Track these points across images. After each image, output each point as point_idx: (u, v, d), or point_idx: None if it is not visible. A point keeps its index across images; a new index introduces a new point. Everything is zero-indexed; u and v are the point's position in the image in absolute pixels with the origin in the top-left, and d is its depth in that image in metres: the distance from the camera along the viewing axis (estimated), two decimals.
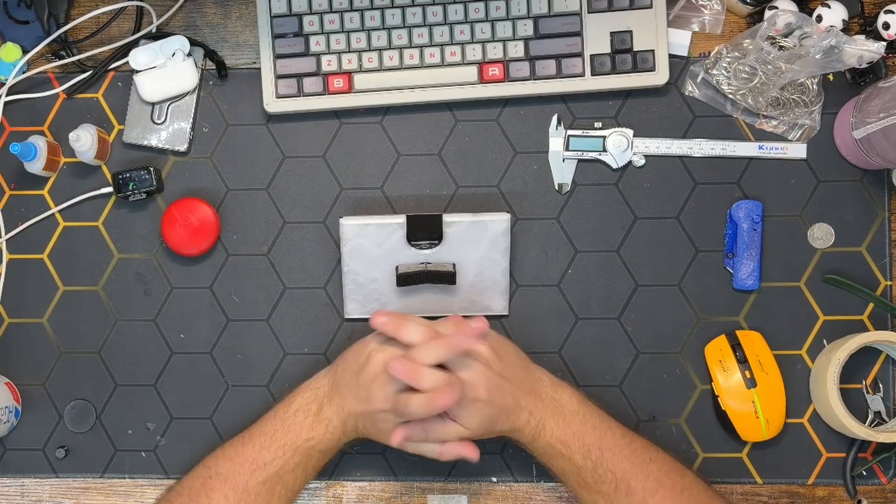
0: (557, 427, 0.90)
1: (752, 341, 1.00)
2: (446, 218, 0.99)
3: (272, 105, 1.02)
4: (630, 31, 1.00)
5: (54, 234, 1.04)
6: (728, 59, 1.01)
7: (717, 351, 1.00)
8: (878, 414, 0.99)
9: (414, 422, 0.88)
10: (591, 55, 1.01)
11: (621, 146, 1.02)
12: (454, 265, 1.00)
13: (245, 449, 0.92)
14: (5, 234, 1.04)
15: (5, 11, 1.04)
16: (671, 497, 0.89)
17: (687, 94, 1.02)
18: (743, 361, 0.98)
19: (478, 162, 1.03)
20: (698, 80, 1.02)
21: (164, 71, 1.02)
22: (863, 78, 1.00)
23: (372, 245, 0.99)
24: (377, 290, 1.01)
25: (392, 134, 1.04)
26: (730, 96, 1.01)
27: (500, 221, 0.99)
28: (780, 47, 0.98)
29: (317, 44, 1.01)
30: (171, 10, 1.05)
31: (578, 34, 1.00)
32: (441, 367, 0.86)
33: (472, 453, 0.89)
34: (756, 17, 1.02)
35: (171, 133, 1.04)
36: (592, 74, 1.01)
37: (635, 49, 1.00)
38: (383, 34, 1.01)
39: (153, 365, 1.03)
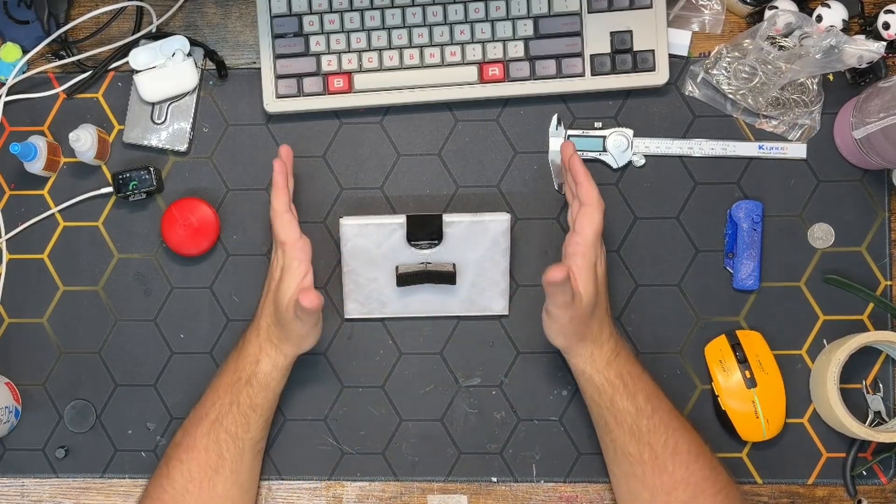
0: (629, 360, 0.92)
1: (752, 341, 1.00)
2: (446, 218, 0.99)
3: (272, 105, 1.02)
4: (630, 31, 1.00)
5: (54, 234, 1.04)
6: (728, 59, 1.01)
7: (717, 351, 1.00)
8: (878, 414, 0.99)
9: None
10: (591, 55, 1.01)
11: (621, 146, 1.02)
12: (454, 265, 1.00)
13: (193, 411, 0.96)
14: (5, 234, 1.04)
15: (5, 11, 1.04)
16: (709, 468, 0.90)
17: (687, 94, 1.02)
18: (743, 361, 0.98)
19: (478, 162, 1.03)
20: (698, 80, 1.02)
21: (164, 71, 1.02)
22: (863, 78, 1.00)
23: (372, 245, 0.99)
24: (377, 290, 1.01)
25: (392, 134, 1.04)
26: (730, 96, 1.01)
27: (500, 221, 0.99)
28: (780, 47, 0.98)
29: (317, 44, 1.01)
30: (171, 10, 1.05)
31: (578, 34, 1.00)
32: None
33: None
34: (756, 17, 1.02)
35: (171, 133, 1.04)
36: (592, 74, 1.01)
37: (635, 49, 1.00)
38: (383, 34, 1.01)
39: (153, 365, 1.03)
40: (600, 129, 1.02)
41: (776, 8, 0.99)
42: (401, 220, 0.99)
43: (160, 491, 0.92)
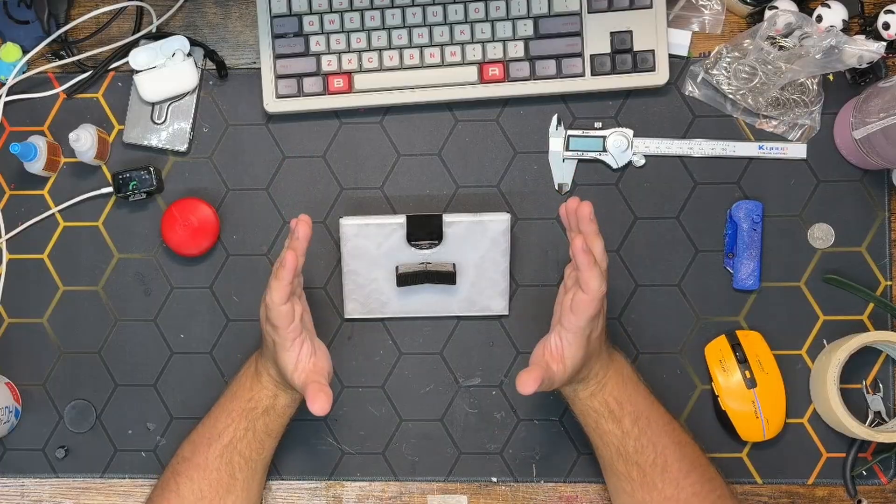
0: (616, 387, 0.90)
1: (752, 341, 1.00)
2: (446, 218, 0.99)
3: (272, 105, 1.02)
4: (630, 31, 1.00)
5: (54, 234, 1.04)
6: (728, 59, 1.01)
7: (717, 351, 1.00)
8: (878, 414, 0.99)
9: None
10: (591, 55, 1.01)
11: (621, 146, 1.02)
12: (454, 265, 1.00)
13: (203, 428, 0.94)
14: (5, 234, 1.04)
15: (5, 11, 1.04)
16: (700, 483, 0.89)
17: (687, 94, 1.02)
18: (743, 361, 0.98)
19: (478, 162, 1.03)
20: (698, 80, 1.02)
21: (164, 71, 1.02)
22: (863, 78, 1.00)
23: (372, 245, 0.99)
24: (377, 290, 1.01)
25: (392, 134, 1.04)
26: (730, 96, 1.01)
27: (500, 221, 0.99)
28: (780, 47, 0.98)
29: (317, 44, 1.01)
30: (171, 10, 1.05)
31: (578, 34, 1.00)
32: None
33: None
34: (756, 17, 1.02)
35: (171, 133, 1.04)
36: (592, 74, 1.01)
37: (635, 49, 1.00)
38: (383, 34, 1.01)
39: (153, 365, 1.03)
40: (600, 129, 1.02)
41: (776, 8, 0.99)
42: (401, 220, 0.99)
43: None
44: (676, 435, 0.91)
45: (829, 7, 0.99)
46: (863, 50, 0.95)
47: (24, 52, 1.04)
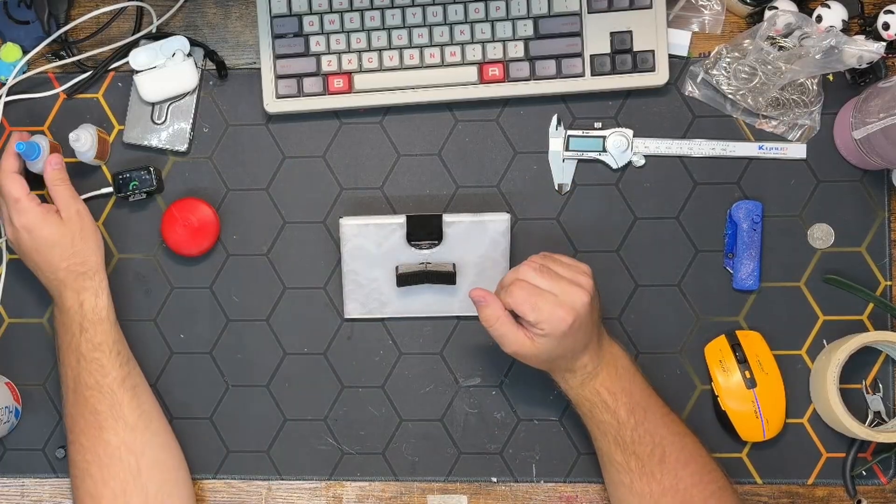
0: (609, 377, 0.90)
1: (752, 341, 1.00)
2: (446, 218, 0.99)
3: (272, 105, 1.02)
4: (630, 32, 1.00)
5: None
6: (728, 60, 1.01)
7: (717, 351, 1.00)
8: (877, 414, 0.99)
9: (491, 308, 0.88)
10: (591, 55, 1.01)
11: (621, 146, 1.02)
12: (454, 265, 1.00)
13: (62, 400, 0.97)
14: (5, 234, 1.04)
15: (5, 11, 1.04)
16: (699, 474, 0.89)
17: (687, 94, 1.02)
18: (743, 361, 0.98)
19: (478, 162, 1.03)
20: (698, 80, 1.02)
21: (164, 71, 1.02)
22: (863, 78, 1.00)
23: (372, 245, 0.99)
24: (377, 290, 1.01)
25: (392, 134, 1.04)
26: (730, 96, 1.01)
27: (500, 221, 0.99)
28: (780, 47, 0.98)
29: (317, 44, 1.01)
30: (171, 11, 1.05)
31: (578, 34, 1.00)
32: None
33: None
34: (756, 17, 1.02)
35: (171, 133, 1.04)
36: (592, 74, 1.01)
37: (635, 49, 1.00)
38: (383, 34, 1.01)
39: (153, 365, 1.03)
40: (600, 129, 1.02)
41: (776, 8, 0.99)
42: (401, 220, 0.99)
43: (78, 482, 0.94)
44: (674, 426, 0.91)
45: (829, 7, 0.99)
46: (862, 50, 0.95)
47: (24, 52, 1.04)
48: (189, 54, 1.03)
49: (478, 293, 0.89)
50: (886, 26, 0.98)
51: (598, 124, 1.03)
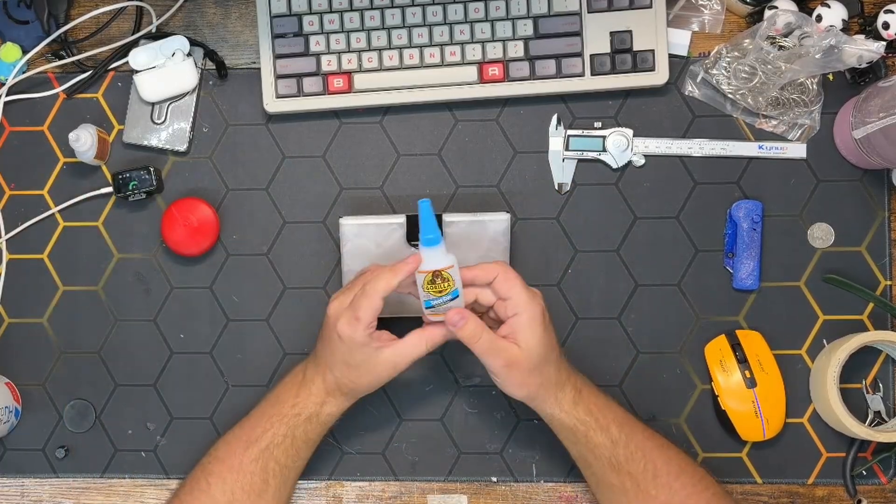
0: (592, 394, 0.90)
1: (752, 341, 1.00)
2: (446, 218, 0.99)
3: (272, 105, 1.02)
4: (630, 31, 1.00)
5: (54, 234, 1.04)
6: (728, 59, 1.01)
7: (717, 351, 1.00)
8: (878, 414, 0.99)
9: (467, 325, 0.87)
10: (590, 55, 1.01)
11: (621, 146, 1.02)
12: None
13: (240, 429, 0.94)
14: (5, 234, 1.04)
15: (5, 11, 1.04)
16: (691, 484, 0.89)
17: (687, 93, 1.02)
18: (743, 361, 0.98)
19: (478, 162, 1.03)
20: (698, 79, 1.02)
21: (164, 71, 1.02)
22: (863, 78, 1.00)
23: (372, 245, 0.99)
24: None
25: (392, 134, 1.04)
26: (730, 96, 1.01)
27: (500, 221, 0.99)
28: (780, 47, 0.98)
29: (317, 44, 1.01)
30: (171, 10, 1.05)
31: (578, 34, 1.00)
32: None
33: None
34: (756, 17, 1.02)
35: (171, 133, 1.04)
36: (592, 74, 1.01)
37: (635, 49, 1.00)
38: (383, 34, 1.01)
39: (153, 365, 1.03)
40: (600, 129, 1.02)
41: (776, 8, 0.99)
42: (401, 220, 0.99)
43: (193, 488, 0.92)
44: (656, 439, 0.91)
45: (829, 7, 0.99)
46: (862, 50, 0.95)
47: (24, 52, 1.04)
48: (189, 54, 1.03)
49: (452, 314, 0.86)
50: (886, 26, 0.98)
51: (597, 124, 1.03)
